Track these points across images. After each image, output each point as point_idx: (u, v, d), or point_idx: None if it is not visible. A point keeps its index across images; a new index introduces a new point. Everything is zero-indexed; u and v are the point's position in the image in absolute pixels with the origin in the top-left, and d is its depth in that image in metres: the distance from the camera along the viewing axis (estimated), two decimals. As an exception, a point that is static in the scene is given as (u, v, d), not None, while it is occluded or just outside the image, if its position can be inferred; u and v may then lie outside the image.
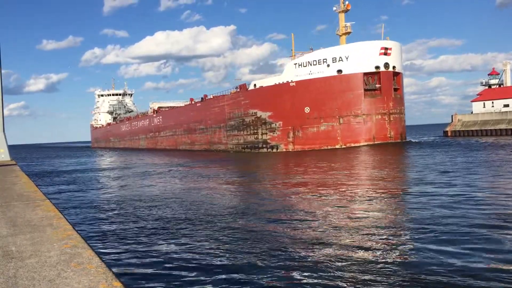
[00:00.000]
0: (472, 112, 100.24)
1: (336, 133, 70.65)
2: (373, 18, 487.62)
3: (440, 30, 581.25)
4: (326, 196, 23.31)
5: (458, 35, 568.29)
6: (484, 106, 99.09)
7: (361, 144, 68.92)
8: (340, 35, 76.94)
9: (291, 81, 73.41)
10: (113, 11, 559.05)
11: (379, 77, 70.71)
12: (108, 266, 4.17)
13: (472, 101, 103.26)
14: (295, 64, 73.83)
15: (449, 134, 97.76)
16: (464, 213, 17.10)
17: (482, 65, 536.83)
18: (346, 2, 75.65)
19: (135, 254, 13.52)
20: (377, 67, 70.40)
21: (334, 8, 77.50)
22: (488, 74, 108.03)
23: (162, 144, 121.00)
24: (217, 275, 11.20)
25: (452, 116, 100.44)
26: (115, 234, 16.46)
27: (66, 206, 23.90)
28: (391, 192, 24.09)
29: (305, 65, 72.53)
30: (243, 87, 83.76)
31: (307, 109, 72.00)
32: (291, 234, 15.09)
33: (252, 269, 11.49)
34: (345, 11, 76.27)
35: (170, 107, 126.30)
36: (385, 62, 70.91)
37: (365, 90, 70.11)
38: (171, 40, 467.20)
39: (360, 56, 69.77)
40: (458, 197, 20.86)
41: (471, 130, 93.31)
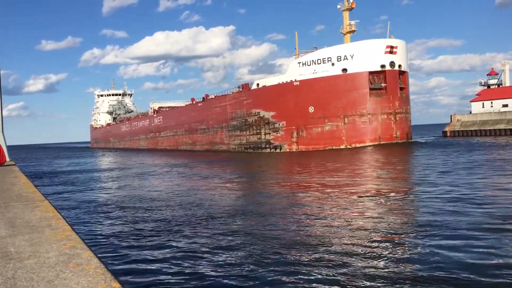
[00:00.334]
0: (471, 112, 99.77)
1: (341, 133, 69.37)
2: (373, 18, 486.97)
3: (439, 30, 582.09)
4: (329, 196, 22.80)
5: (457, 35, 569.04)
6: (483, 106, 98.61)
7: (367, 145, 67.67)
8: (345, 34, 75.64)
9: (295, 80, 72.15)
10: (112, 12, 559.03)
11: (385, 76, 69.49)
12: (107, 267, 4.13)
13: (471, 101, 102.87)
14: (299, 63, 72.58)
15: (448, 134, 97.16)
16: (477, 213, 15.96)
17: (481, 65, 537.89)
18: (351, 0, 74.48)
19: (135, 255, 13.36)
20: (383, 66, 69.16)
21: (339, 6, 76.30)
22: (487, 74, 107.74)
23: (163, 145, 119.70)
24: (217, 275, 11.09)
25: (451, 116, 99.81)
26: (114, 235, 16.24)
27: (65, 207, 23.64)
28: (397, 191, 23.64)
29: (309, 64, 71.29)
30: (246, 87, 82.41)
31: (311, 109, 70.75)
32: (293, 234, 14.87)
33: (253, 269, 11.39)
34: (350, 9, 75.09)
35: (171, 107, 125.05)
36: (391, 61, 69.70)
37: (371, 89, 68.83)
38: (170, 41, 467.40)
39: (365, 55, 68.52)
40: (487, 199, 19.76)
41: (470, 130, 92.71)
